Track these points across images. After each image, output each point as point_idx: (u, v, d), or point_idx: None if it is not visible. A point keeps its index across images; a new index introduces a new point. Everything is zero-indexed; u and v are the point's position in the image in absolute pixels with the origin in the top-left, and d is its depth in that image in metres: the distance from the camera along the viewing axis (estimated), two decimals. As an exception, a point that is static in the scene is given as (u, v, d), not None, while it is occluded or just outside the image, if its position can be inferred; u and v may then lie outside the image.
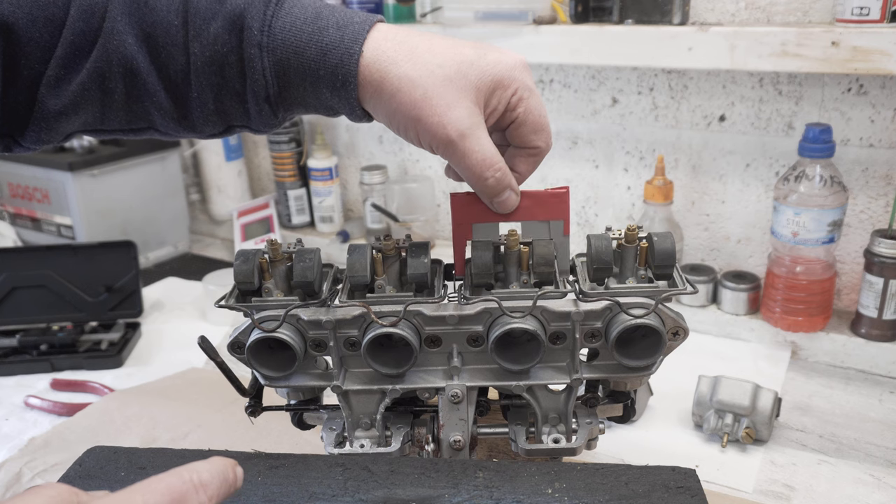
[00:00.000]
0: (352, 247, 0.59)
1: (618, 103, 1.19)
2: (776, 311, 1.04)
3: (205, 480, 0.39)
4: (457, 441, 0.61)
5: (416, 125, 0.53)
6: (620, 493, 0.51)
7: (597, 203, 1.27)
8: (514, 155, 0.59)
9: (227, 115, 0.55)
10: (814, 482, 0.79)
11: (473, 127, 0.53)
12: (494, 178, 0.55)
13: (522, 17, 1.10)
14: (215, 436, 0.85)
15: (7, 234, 1.50)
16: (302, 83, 0.53)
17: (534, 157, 0.59)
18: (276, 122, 0.56)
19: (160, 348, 1.14)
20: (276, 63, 0.52)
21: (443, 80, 0.52)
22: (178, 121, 0.56)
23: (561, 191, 0.59)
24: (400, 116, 0.53)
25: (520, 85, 0.55)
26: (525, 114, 0.56)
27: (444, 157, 0.55)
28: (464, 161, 0.54)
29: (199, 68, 0.53)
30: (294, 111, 0.56)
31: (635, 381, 0.62)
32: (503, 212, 0.58)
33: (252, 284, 0.58)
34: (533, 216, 0.60)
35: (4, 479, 0.79)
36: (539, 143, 0.58)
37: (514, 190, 0.58)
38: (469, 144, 0.53)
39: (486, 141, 0.54)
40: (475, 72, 0.53)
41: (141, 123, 0.56)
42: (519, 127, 0.57)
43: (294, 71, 0.52)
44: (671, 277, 0.59)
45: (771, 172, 1.10)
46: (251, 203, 1.49)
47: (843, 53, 0.88)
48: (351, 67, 0.52)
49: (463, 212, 0.60)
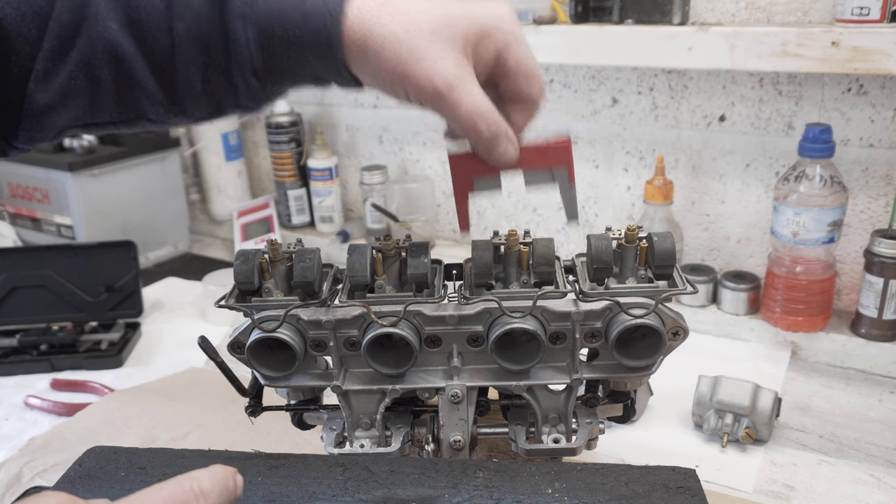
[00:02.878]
0: (352, 247, 0.59)
1: (618, 103, 1.19)
2: (776, 311, 1.04)
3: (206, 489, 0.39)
4: (457, 441, 0.61)
5: (404, 80, 0.52)
6: (620, 493, 0.51)
7: (597, 203, 1.27)
8: (509, 107, 0.57)
9: (215, 95, 0.54)
10: (814, 482, 0.79)
11: (462, 77, 0.52)
12: (488, 129, 0.54)
13: (522, 17, 1.10)
14: (215, 436, 0.85)
15: (7, 234, 1.50)
16: (287, 51, 0.52)
17: (529, 108, 0.57)
18: (265, 96, 0.55)
19: (160, 348, 1.14)
20: (260, 34, 0.51)
21: (429, 33, 0.51)
22: (167, 106, 0.55)
23: (562, 142, 0.58)
24: (386, 74, 0.52)
25: (507, 33, 0.54)
26: (516, 63, 0.55)
27: (435, 111, 0.54)
28: (455, 112, 0.53)
29: (184, 48, 0.52)
30: (283, 84, 0.55)
31: (635, 381, 0.62)
32: (503, 166, 0.57)
33: (252, 284, 0.58)
34: (535, 165, 0.58)
35: (4, 479, 0.79)
36: (533, 92, 0.57)
37: (511, 140, 0.56)
38: (459, 95, 0.52)
39: (476, 91, 0.53)
40: (461, 22, 0.52)
41: (131, 113, 0.55)
42: (510, 77, 0.56)
43: (278, 39, 0.52)
44: (671, 277, 0.59)
45: (771, 172, 1.10)
46: (251, 203, 1.49)
47: (843, 53, 0.88)
48: (335, 29, 0.51)
49: (462, 170, 0.58)
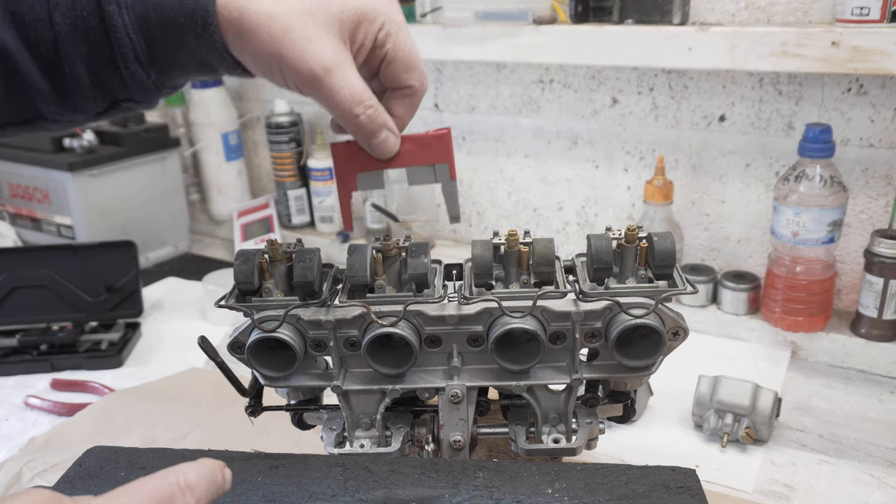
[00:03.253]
0: (352, 247, 0.59)
1: (618, 103, 1.19)
2: (776, 311, 1.04)
3: (192, 482, 0.39)
4: (457, 441, 0.61)
5: (279, 62, 0.51)
6: (620, 493, 0.51)
7: (597, 203, 1.27)
8: (390, 98, 0.57)
9: (105, 88, 0.54)
10: (814, 482, 0.79)
11: (339, 62, 0.52)
12: (366, 115, 0.53)
13: (522, 17, 1.10)
14: (215, 436, 0.85)
15: (7, 234, 1.50)
16: (166, 36, 0.51)
17: (410, 99, 0.57)
18: (151, 85, 0.54)
19: (160, 348, 1.14)
20: (137, 19, 0.51)
21: (303, 13, 0.51)
22: (59, 102, 0.54)
23: (442, 132, 0.58)
24: (261, 55, 0.51)
25: (386, 19, 0.54)
26: (394, 50, 0.54)
27: (312, 96, 0.53)
28: (332, 98, 0.52)
29: (65, 38, 0.51)
30: (170, 73, 0.54)
31: (635, 381, 0.62)
32: (383, 156, 0.56)
33: (252, 284, 0.58)
34: (416, 161, 0.58)
35: (4, 479, 0.79)
36: (412, 82, 0.56)
37: (391, 130, 0.55)
38: (335, 80, 0.52)
39: (353, 76, 0.53)
40: (337, 4, 0.52)
41: (27, 113, 0.55)
42: (390, 65, 0.55)
43: (156, 24, 0.51)
44: (671, 277, 0.59)
45: (771, 172, 1.10)
46: (251, 203, 1.49)
47: (843, 53, 0.88)
48: (208, 8, 0.50)
49: (346, 161, 0.58)
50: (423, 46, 1.17)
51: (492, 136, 1.33)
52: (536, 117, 1.27)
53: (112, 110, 0.56)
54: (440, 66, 1.34)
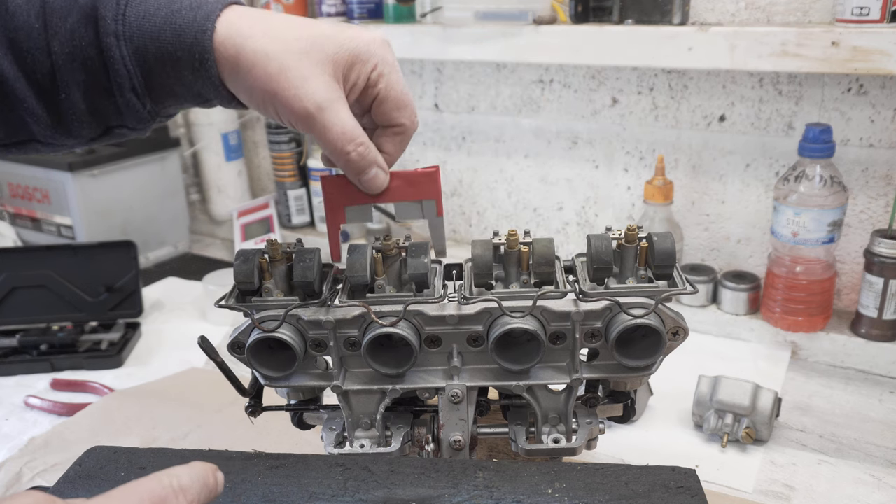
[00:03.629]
0: (352, 247, 0.59)
1: (618, 103, 1.19)
2: (776, 311, 1.04)
3: (184, 485, 0.39)
4: (457, 441, 0.61)
5: (274, 99, 0.52)
6: (620, 493, 0.51)
7: (597, 203, 1.27)
8: (380, 135, 0.58)
9: (99, 115, 0.54)
10: (814, 482, 0.79)
11: (332, 100, 0.53)
12: (357, 153, 0.55)
13: (522, 17, 1.10)
14: (215, 436, 0.85)
15: (7, 234, 1.50)
16: (163, 69, 0.52)
17: (400, 136, 0.58)
18: (146, 114, 0.55)
19: (160, 348, 1.14)
20: (135, 51, 0.52)
21: (298, 53, 0.52)
22: (53, 127, 0.55)
23: (430, 170, 0.59)
24: (257, 92, 0.52)
25: (379, 60, 0.55)
26: (386, 89, 0.56)
27: (305, 132, 0.55)
28: (324, 135, 0.54)
29: (63, 67, 0.52)
30: (165, 103, 0.55)
31: (635, 381, 0.62)
32: (372, 191, 0.58)
33: (252, 284, 0.58)
34: (404, 196, 0.59)
35: (4, 479, 0.79)
36: (403, 121, 0.58)
37: (380, 167, 0.57)
38: (328, 117, 0.53)
39: (345, 115, 0.54)
40: (332, 45, 0.53)
41: (20, 135, 0.55)
42: (381, 104, 0.56)
43: (153, 57, 0.52)
44: (671, 277, 0.59)
45: (771, 172, 1.10)
46: (251, 203, 1.49)
47: (843, 53, 0.88)
48: (206, 44, 0.51)
49: (335, 194, 0.59)
50: (423, 46, 1.18)
51: (492, 136, 1.33)
52: (536, 117, 1.27)
53: (105, 136, 0.57)
54: (440, 66, 1.34)
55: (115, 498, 0.37)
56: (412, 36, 1.19)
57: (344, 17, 1.32)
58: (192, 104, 0.56)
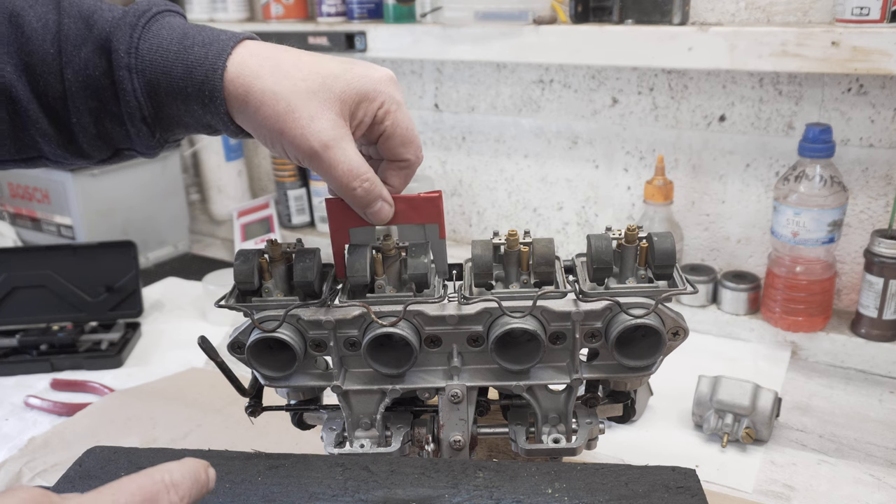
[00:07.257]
0: (352, 247, 0.59)
1: (618, 103, 1.19)
2: (776, 311, 1.04)
3: (176, 480, 0.39)
4: (457, 441, 0.61)
5: (281, 138, 0.54)
6: (620, 493, 0.51)
7: (597, 203, 1.27)
8: (386, 168, 0.60)
9: (110, 139, 0.56)
10: (814, 482, 0.79)
11: (338, 138, 0.54)
12: (363, 188, 0.56)
13: (522, 17, 1.10)
14: (215, 436, 0.85)
15: (7, 234, 1.50)
16: (174, 102, 0.54)
17: (405, 170, 0.60)
18: (155, 142, 0.56)
19: (160, 348, 1.14)
20: (146, 84, 0.53)
21: (306, 92, 0.53)
22: (64, 147, 0.56)
23: (434, 194, 0.60)
24: (265, 130, 0.54)
25: (386, 98, 0.56)
26: (392, 126, 0.57)
27: (312, 169, 0.56)
28: (330, 172, 0.55)
29: (75, 93, 0.53)
30: (174, 131, 0.57)
31: (635, 381, 0.62)
32: (378, 223, 0.59)
33: (252, 284, 0.58)
34: (407, 220, 0.60)
35: (4, 479, 0.79)
36: (408, 156, 0.59)
37: (385, 200, 0.58)
38: (334, 155, 0.54)
39: (352, 152, 0.55)
40: (340, 84, 0.54)
41: (31, 152, 0.57)
42: (388, 140, 0.58)
43: (164, 90, 0.53)
44: (671, 277, 0.59)
45: (771, 172, 1.10)
46: (251, 203, 1.49)
47: (843, 53, 0.88)
48: (216, 83, 0.52)
49: (339, 217, 0.60)
50: (423, 46, 1.18)
51: (492, 136, 1.33)
52: (536, 117, 1.27)
53: (115, 158, 0.59)
54: (440, 66, 1.34)
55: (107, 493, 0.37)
56: (412, 36, 1.19)
57: (344, 16, 1.32)
58: (201, 133, 0.58)
